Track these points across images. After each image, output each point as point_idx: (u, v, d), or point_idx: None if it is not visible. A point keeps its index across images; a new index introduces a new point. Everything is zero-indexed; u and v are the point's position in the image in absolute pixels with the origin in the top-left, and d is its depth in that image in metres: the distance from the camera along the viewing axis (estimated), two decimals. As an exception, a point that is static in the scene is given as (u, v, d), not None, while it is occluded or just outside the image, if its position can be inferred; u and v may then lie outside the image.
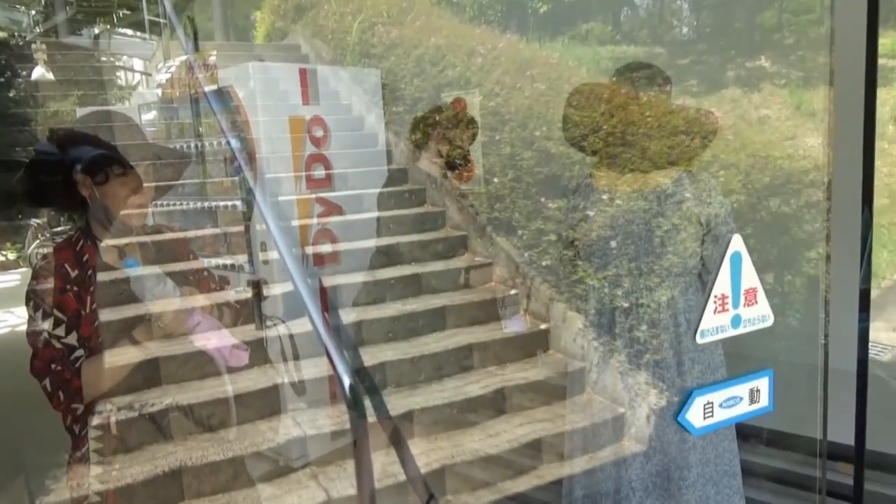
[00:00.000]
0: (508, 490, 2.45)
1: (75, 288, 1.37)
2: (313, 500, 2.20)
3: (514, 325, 2.53)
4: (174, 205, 3.48)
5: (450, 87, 3.58)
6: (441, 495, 2.45)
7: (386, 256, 3.48)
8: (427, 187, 3.88)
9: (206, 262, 1.88)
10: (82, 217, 1.43)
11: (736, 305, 1.51)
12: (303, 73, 3.06)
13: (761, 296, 1.53)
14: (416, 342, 3.07)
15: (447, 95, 3.19)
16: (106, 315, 1.39)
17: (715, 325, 1.50)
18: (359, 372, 2.64)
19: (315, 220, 3.10)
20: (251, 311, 2.45)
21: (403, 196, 3.86)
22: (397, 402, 2.70)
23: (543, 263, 3.06)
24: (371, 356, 2.90)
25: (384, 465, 2.25)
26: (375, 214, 3.61)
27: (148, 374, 2.33)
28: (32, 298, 1.38)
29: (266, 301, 2.62)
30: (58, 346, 1.38)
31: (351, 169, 3.66)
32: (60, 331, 1.37)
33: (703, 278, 1.79)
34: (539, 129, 3.34)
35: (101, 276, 1.41)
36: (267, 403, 2.52)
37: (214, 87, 3.01)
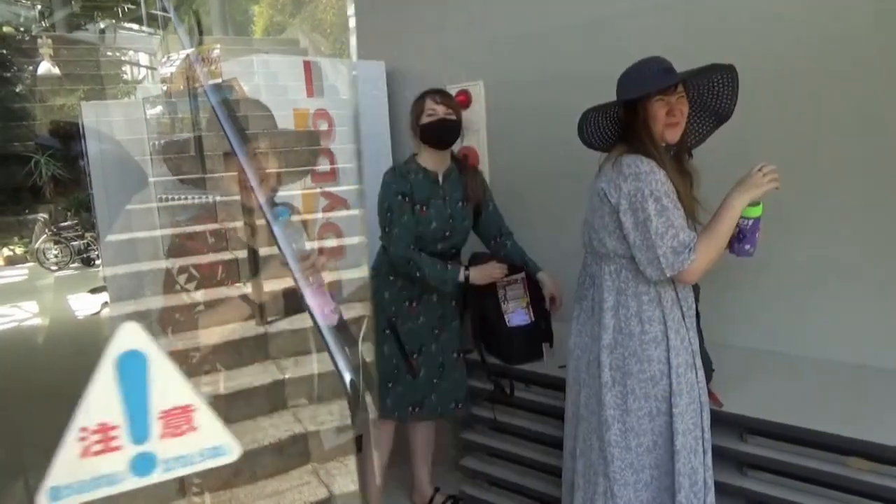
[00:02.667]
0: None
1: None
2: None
3: (517, 318, 2.50)
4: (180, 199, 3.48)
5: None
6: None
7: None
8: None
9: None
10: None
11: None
12: (307, 65, 3.04)
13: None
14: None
15: (451, 87, 3.16)
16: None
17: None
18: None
19: (320, 215, 3.10)
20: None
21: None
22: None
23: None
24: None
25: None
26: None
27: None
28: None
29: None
30: (187, 300, 1.55)
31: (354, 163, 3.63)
32: (191, 286, 1.55)
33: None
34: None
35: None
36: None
37: (218, 80, 3.00)
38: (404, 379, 2.46)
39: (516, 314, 2.48)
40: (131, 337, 0.84)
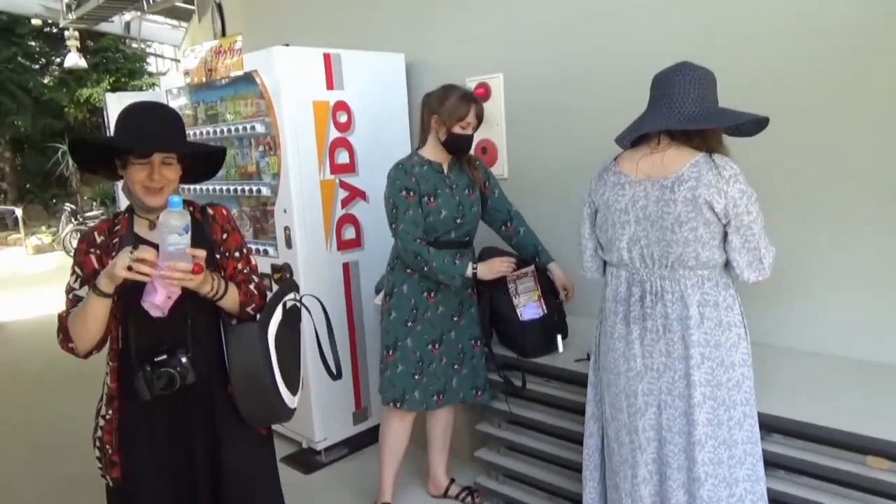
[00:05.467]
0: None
1: (98, 252, 1.58)
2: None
3: (529, 312, 2.50)
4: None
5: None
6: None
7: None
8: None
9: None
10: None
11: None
12: (326, 57, 3.05)
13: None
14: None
15: (470, 80, 3.16)
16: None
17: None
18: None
19: (339, 206, 3.12)
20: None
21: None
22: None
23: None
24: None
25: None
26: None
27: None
28: (73, 257, 1.63)
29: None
30: (71, 297, 1.59)
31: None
32: (76, 284, 1.59)
33: (730, 272, 1.72)
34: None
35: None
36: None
37: (240, 72, 3.03)
38: (428, 369, 2.48)
39: (528, 308, 2.48)
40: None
